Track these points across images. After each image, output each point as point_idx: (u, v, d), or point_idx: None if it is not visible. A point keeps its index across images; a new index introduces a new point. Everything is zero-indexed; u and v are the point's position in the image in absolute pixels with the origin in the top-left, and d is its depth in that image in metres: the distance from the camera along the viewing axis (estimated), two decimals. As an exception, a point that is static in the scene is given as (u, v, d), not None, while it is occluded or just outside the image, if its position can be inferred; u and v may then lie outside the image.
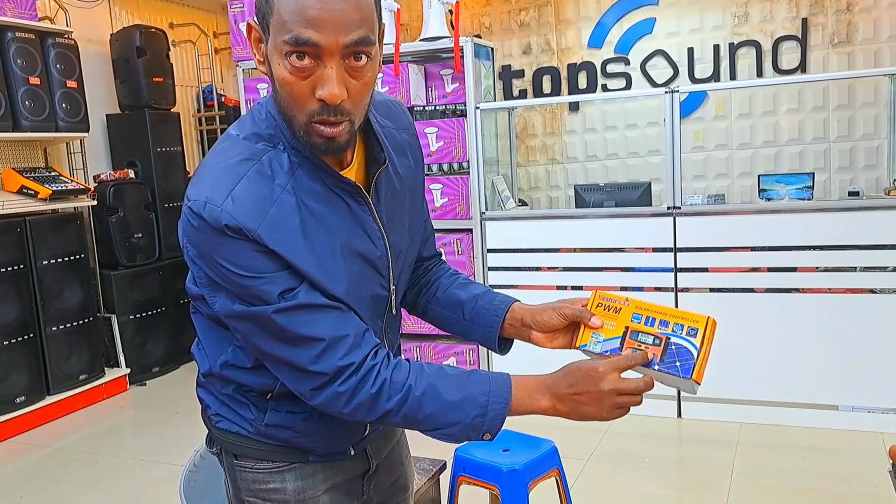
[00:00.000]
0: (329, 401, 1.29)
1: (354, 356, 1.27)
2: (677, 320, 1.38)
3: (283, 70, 1.19)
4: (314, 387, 1.29)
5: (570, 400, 1.30)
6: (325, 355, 1.26)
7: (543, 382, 1.33)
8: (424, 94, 4.82)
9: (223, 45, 6.92)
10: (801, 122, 5.49)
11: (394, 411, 1.29)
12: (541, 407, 1.32)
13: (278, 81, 1.21)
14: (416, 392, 1.29)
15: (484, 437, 1.31)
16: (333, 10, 1.15)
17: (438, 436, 1.32)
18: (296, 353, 1.27)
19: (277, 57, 1.19)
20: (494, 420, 1.30)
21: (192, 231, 1.24)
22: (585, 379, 1.29)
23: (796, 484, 3.50)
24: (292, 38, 1.16)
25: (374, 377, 1.28)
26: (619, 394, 1.28)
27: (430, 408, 1.29)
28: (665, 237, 4.25)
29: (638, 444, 4.06)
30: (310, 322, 1.26)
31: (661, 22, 5.76)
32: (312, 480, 1.48)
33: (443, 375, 1.32)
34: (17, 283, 4.75)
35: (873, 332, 3.93)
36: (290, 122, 1.25)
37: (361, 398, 1.28)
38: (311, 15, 1.15)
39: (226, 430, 1.48)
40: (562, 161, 6.16)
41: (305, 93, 1.20)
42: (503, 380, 1.33)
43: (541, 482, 2.62)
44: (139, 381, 5.63)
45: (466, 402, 1.29)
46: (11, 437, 4.64)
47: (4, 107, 4.71)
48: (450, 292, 1.61)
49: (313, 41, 1.16)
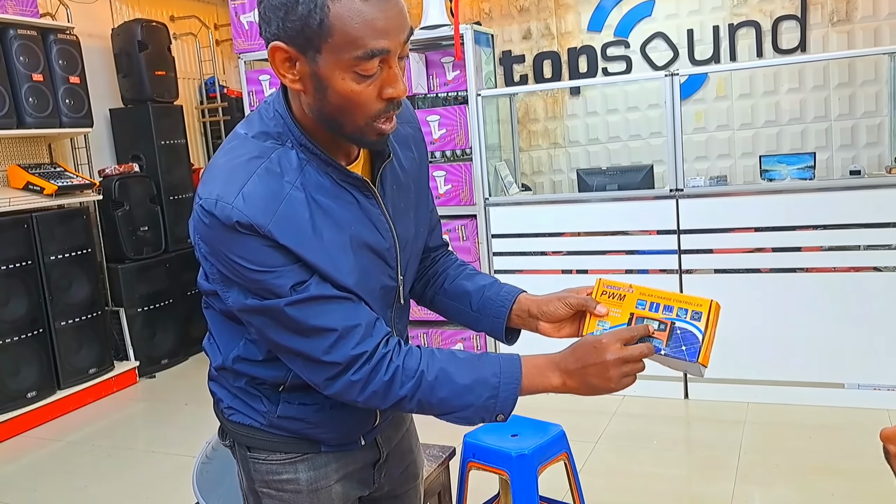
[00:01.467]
0: (343, 390, 1.32)
1: (367, 345, 1.30)
2: (681, 305, 1.40)
3: (349, 83, 1.23)
4: (328, 377, 1.31)
5: (578, 374, 1.33)
6: (338, 345, 1.29)
7: (552, 360, 1.36)
8: (426, 82, 4.83)
9: (224, 37, 6.92)
10: (803, 101, 5.48)
11: (407, 397, 1.32)
12: (552, 384, 1.36)
13: (340, 94, 1.24)
14: (429, 377, 1.32)
15: (497, 417, 1.34)
16: (393, 15, 1.22)
17: (452, 419, 1.35)
18: (309, 345, 1.29)
19: (339, 72, 1.22)
20: (507, 401, 1.33)
21: (203, 228, 1.27)
22: (590, 352, 1.32)
23: (804, 462, 3.52)
24: (367, 52, 1.20)
25: (387, 365, 1.31)
26: (623, 362, 1.31)
27: (442, 392, 1.32)
28: (668, 219, 4.26)
29: (646, 425, 4.08)
30: (322, 313, 1.28)
31: (661, 4, 5.74)
32: (325, 470, 1.51)
33: (454, 359, 1.35)
34: (25, 278, 4.79)
35: (878, 310, 3.94)
36: (339, 126, 1.29)
37: (375, 386, 1.31)
38: (380, 26, 1.20)
39: (239, 422, 1.50)
40: (564, 145, 6.16)
41: (372, 97, 1.25)
42: (513, 360, 1.35)
43: (550, 466, 2.65)
44: (148, 374, 5.67)
45: (478, 385, 1.32)
46: (24, 432, 4.68)
47: (8, 104, 4.72)
48: (457, 283, 1.63)
49: (387, 49, 1.21)
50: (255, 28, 5.03)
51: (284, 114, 1.33)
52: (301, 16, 1.19)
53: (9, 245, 4.70)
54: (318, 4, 1.18)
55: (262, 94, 5.07)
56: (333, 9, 1.18)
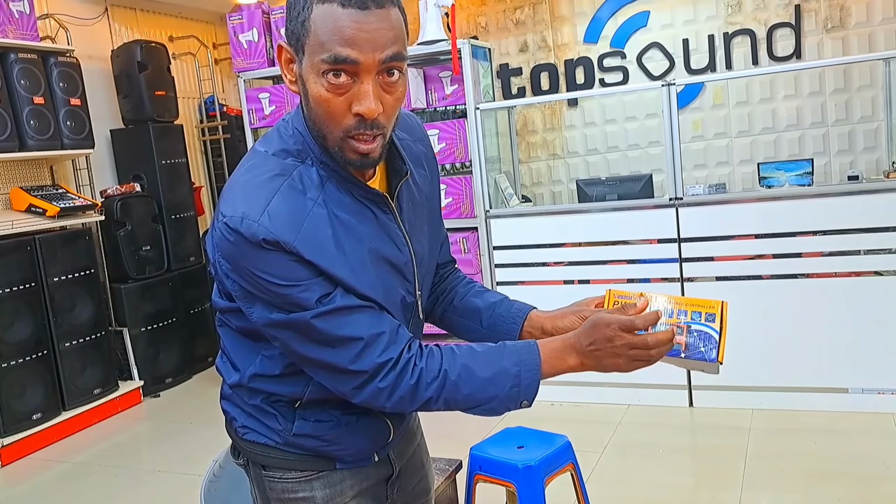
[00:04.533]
0: (371, 397, 1.34)
1: (392, 352, 1.33)
2: (694, 308, 1.44)
3: (321, 88, 1.25)
4: (355, 385, 1.34)
5: (592, 355, 1.37)
6: (364, 353, 1.31)
7: (567, 342, 1.39)
8: (424, 96, 4.86)
9: (223, 56, 6.95)
10: (799, 107, 5.51)
11: (434, 398, 1.35)
12: (569, 365, 1.39)
13: (314, 99, 1.27)
14: (452, 376, 1.34)
15: (522, 405, 1.37)
16: (369, 29, 1.21)
17: (478, 412, 1.38)
18: (335, 355, 1.32)
19: (314, 76, 1.25)
20: (529, 387, 1.36)
21: (227, 246, 1.28)
22: (602, 338, 1.35)
23: (810, 467, 3.53)
24: (331, 56, 1.22)
25: (412, 369, 1.34)
26: (631, 348, 1.34)
27: (467, 388, 1.35)
28: (669, 228, 4.28)
29: (651, 434, 4.09)
30: (347, 323, 1.31)
31: (656, 14, 5.79)
32: (340, 487, 1.52)
33: (474, 354, 1.38)
34: (29, 300, 4.80)
35: (880, 314, 3.95)
36: (324, 139, 1.31)
37: (402, 391, 1.33)
38: (348, 34, 1.21)
39: (253, 441, 1.51)
40: (563, 156, 6.19)
41: (342, 109, 1.26)
42: (531, 347, 1.39)
43: (556, 477, 2.65)
44: (153, 393, 5.68)
45: (500, 376, 1.35)
46: (29, 454, 4.68)
47: (10, 127, 4.74)
48: (467, 300, 1.66)
49: (351, 58, 1.22)
50: (254, 46, 5.06)
51: (304, 131, 1.35)
52: (296, 17, 1.24)
53: (12, 267, 4.71)
54: (305, 7, 1.23)
55: (262, 111, 5.10)
56: (315, 10, 1.22)
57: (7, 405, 4.61)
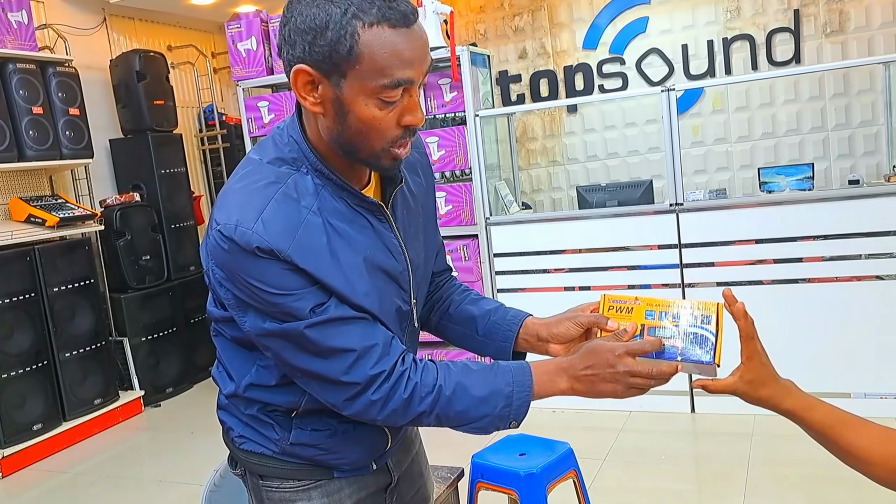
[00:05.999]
0: (363, 409, 1.33)
1: (384, 364, 1.32)
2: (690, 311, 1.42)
3: (372, 109, 1.25)
4: (347, 397, 1.33)
5: (587, 380, 1.35)
6: (357, 365, 1.30)
7: (560, 366, 1.38)
8: (424, 104, 4.85)
9: (222, 65, 6.95)
10: (799, 112, 5.51)
11: (426, 412, 1.34)
12: (560, 389, 1.37)
13: (362, 120, 1.26)
14: (447, 392, 1.34)
15: (511, 425, 1.36)
16: (418, 46, 1.25)
17: (466, 429, 1.37)
18: (328, 366, 1.31)
19: (363, 97, 1.24)
20: (520, 408, 1.35)
21: (221, 253, 1.28)
22: (602, 362, 1.33)
23: (813, 473, 3.51)
24: (393, 81, 1.23)
25: (405, 383, 1.33)
26: (632, 375, 1.33)
27: (460, 405, 1.34)
28: (669, 234, 4.27)
29: (653, 441, 4.08)
30: (340, 334, 1.30)
31: (655, 20, 5.79)
32: (338, 496, 1.51)
33: (469, 372, 1.37)
34: (29, 311, 4.79)
35: (882, 318, 3.94)
36: (356, 150, 1.31)
37: (395, 404, 1.32)
38: (406, 56, 1.23)
39: (250, 451, 1.50)
40: (563, 163, 6.19)
41: (391, 124, 1.28)
42: (524, 369, 1.38)
43: (559, 484, 2.64)
44: (154, 403, 5.66)
45: (493, 396, 1.34)
46: (30, 465, 4.66)
47: (9, 137, 4.74)
48: (462, 308, 1.65)
49: (412, 79, 1.24)
50: (252, 55, 5.06)
51: (300, 139, 1.34)
52: (330, 41, 1.21)
53: (12, 278, 4.70)
54: (348, 32, 1.20)
55: (261, 120, 5.10)
56: (363, 37, 1.20)
57: (7, 416, 4.60)
